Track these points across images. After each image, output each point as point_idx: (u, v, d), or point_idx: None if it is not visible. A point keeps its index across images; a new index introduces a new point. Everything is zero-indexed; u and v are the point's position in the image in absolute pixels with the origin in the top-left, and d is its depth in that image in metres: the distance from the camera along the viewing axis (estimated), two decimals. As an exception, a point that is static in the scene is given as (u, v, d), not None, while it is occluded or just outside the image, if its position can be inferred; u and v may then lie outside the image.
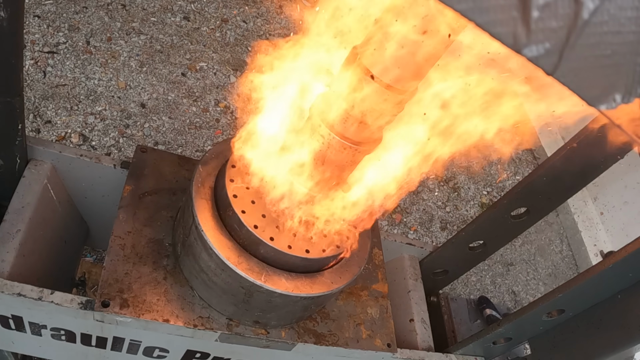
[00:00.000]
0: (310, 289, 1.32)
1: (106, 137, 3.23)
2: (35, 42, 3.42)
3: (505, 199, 1.82)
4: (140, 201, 1.60)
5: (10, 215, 1.58)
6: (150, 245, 1.53)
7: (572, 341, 1.56)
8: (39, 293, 1.38)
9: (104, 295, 1.38)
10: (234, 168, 1.37)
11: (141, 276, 1.46)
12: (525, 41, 0.37)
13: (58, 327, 1.51)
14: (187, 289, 1.49)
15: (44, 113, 3.16)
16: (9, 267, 1.48)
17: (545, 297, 1.54)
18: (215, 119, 3.65)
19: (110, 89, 3.45)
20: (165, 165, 1.71)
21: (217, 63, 3.96)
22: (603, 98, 0.40)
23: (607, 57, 0.38)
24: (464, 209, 4.26)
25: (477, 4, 0.35)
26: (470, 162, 4.44)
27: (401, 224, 3.88)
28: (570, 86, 0.39)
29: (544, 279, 4.26)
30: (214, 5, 4.33)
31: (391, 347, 1.67)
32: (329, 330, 1.60)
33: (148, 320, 1.39)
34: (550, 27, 0.36)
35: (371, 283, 1.79)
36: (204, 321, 1.45)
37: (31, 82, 3.24)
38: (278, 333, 1.53)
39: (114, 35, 3.74)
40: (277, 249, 1.30)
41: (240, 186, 1.35)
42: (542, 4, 0.35)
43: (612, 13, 0.36)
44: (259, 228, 1.31)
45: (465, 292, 3.81)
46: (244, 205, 1.33)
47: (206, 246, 1.29)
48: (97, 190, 1.88)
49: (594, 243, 4.50)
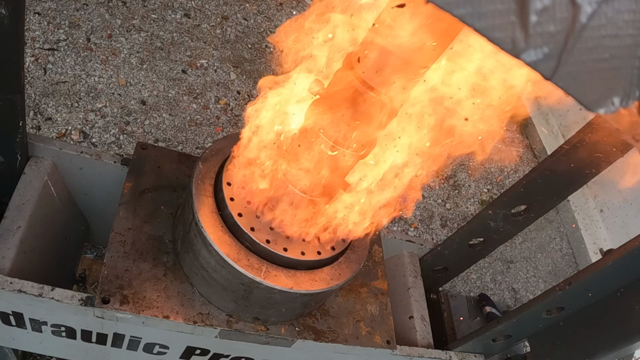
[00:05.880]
0: (309, 286, 1.33)
1: (106, 134, 3.22)
2: (35, 39, 3.41)
3: (506, 197, 1.82)
4: (140, 198, 1.60)
5: (10, 212, 1.58)
6: (150, 241, 1.53)
7: (572, 339, 1.57)
8: (40, 289, 1.38)
9: (104, 291, 1.38)
10: (231, 170, 1.38)
11: (141, 273, 1.46)
12: (524, 46, 0.37)
13: (58, 324, 1.52)
14: (187, 286, 1.49)
15: (45, 110, 3.16)
16: (9, 264, 1.49)
17: (545, 294, 1.54)
18: (215, 116, 3.65)
19: (111, 86, 3.45)
20: (165, 162, 1.71)
21: (218, 60, 3.96)
22: (602, 102, 0.40)
23: (605, 60, 0.38)
24: (464, 206, 4.26)
25: (475, 9, 0.35)
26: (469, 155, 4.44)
27: (401, 221, 3.88)
28: (568, 90, 0.39)
29: (544, 276, 4.26)
30: (215, 3, 4.32)
31: (391, 344, 1.67)
32: (329, 327, 1.61)
33: (148, 317, 1.40)
34: (549, 31, 0.36)
35: (371, 280, 1.79)
36: (204, 318, 1.46)
37: (31, 79, 3.24)
38: (278, 329, 1.53)
39: (115, 32, 3.73)
40: (273, 251, 1.31)
41: (237, 188, 1.36)
42: (540, 9, 0.35)
43: (609, 16, 0.36)
44: (256, 231, 1.32)
45: (465, 290, 3.81)
46: (241, 208, 1.34)
47: (206, 243, 1.30)
48: (98, 187, 1.88)
49: (594, 241, 4.51)
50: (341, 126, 1.10)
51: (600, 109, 0.40)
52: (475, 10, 0.35)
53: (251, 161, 1.31)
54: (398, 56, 0.94)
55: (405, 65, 0.95)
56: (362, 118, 1.07)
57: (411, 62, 0.94)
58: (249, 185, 1.32)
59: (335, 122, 1.11)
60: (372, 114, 1.05)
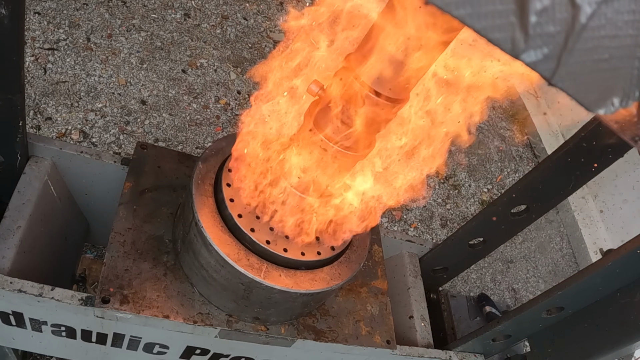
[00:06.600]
0: (309, 286, 1.33)
1: (106, 134, 3.23)
2: (35, 38, 3.42)
3: (506, 197, 1.82)
4: (140, 198, 1.60)
5: (10, 212, 1.58)
6: (150, 241, 1.53)
7: (571, 339, 1.57)
8: (40, 289, 1.38)
9: (104, 291, 1.38)
10: (231, 172, 1.38)
11: (141, 272, 1.46)
12: (524, 46, 0.37)
13: (58, 324, 1.52)
14: (187, 285, 1.49)
15: (45, 110, 3.16)
16: (9, 264, 1.49)
17: (545, 294, 1.54)
18: (215, 115, 3.65)
19: (111, 85, 3.45)
20: (165, 161, 1.71)
21: (218, 60, 3.96)
22: (601, 102, 0.40)
23: (604, 61, 0.38)
24: (464, 206, 4.26)
25: (475, 9, 0.35)
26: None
27: (401, 221, 3.88)
28: (568, 91, 0.39)
29: (544, 276, 4.26)
30: (215, 2, 4.32)
31: (390, 344, 1.67)
32: (329, 327, 1.61)
33: (148, 317, 1.40)
34: (548, 32, 0.36)
35: (371, 280, 1.79)
36: (204, 317, 1.46)
37: (31, 79, 3.24)
38: (277, 329, 1.53)
39: (115, 32, 3.73)
40: (273, 252, 1.31)
41: (237, 190, 1.36)
42: (540, 9, 0.35)
43: (609, 17, 0.36)
44: (256, 231, 1.32)
45: (465, 290, 3.81)
46: (241, 209, 1.34)
47: (206, 242, 1.30)
48: (98, 187, 1.88)
49: (594, 241, 4.51)
50: (341, 127, 1.10)
51: (600, 109, 0.40)
52: (475, 10, 0.35)
53: (250, 163, 1.31)
54: (398, 56, 0.94)
55: (405, 66, 0.95)
56: (361, 119, 1.07)
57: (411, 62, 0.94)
58: (249, 187, 1.32)
59: (334, 123, 1.11)
60: (372, 115, 1.05)
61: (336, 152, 1.15)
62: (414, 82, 1.01)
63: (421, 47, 0.90)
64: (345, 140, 1.13)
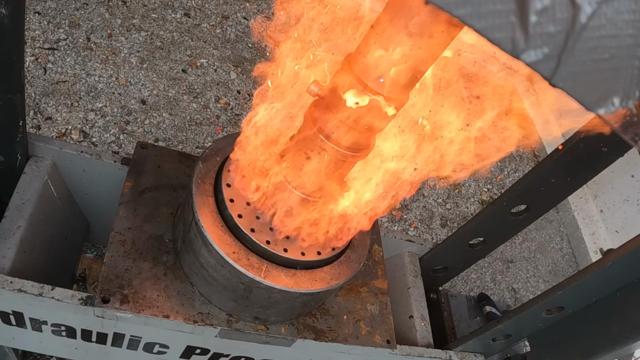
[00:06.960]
0: (309, 285, 1.33)
1: (107, 134, 3.23)
2: (35, 38, 3.41)
3: (506, 196, 1.82)
4: (140, 197, 1.60)
5: (10, 212, 1.58)
6: (150, 241, 1.53)
7: (572, 338, 1.57)
8: (40, 289, 1.38)
9: (104, 291, 1.38)
10: (231, 172, 1.38)
11: (141, 272, 1.46)
12: (524, 46, 0.37)
13: (58, 323, 1.52)
14: (187, 285, 1.49)
15: (45, 109, 3.16)
16: (9, 263, 1.49)
17: (545, 294, 1.54)
18: (215, 115, 3.65)
19: (111, 85, 3.45)
20: (165, 161, 1.71)
21: (218, 60, 3.96)
22: (601, 102, 0.40)
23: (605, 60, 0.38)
24: (464, 205, 4.26)
25: (475, 9, 0.35)
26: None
27: (401, 220, 3.88)
28: (568, 91, 0.39)
29: (544, 276, 4.26)
30: (215, 2, 4.32)
31: (390, 344, 1.67)
32: (329, 327, 1.61)
33: (148, 316, 1.40)
34: (549, 31, 0.36)
35: (371, 279, 1.79)
36: (204, 317, 1.46)
37: (31, 78, 3.24)
38: (278, 329, 1.53)
39: (115, 31, 3.73)
40: (274, 252, 1.32)
41: (237, 190, 1.36)
42: (540, 9, 0.35)
43: (609, 16, 0.36)
44: (256, 232, 1.32)
45: (465, 289, 3.81)
46: (241, 209, 1.34)
47: (206, 242, 1.30)
48: (98, 187, 1.88)
49: (594, 241, 4.51)
50: (340, 127, 1.10)
51: (600, 109, 0.40)
52: (475, 10, 0.35)
53: (250, 163, 1.31)
54: (398, 57, 0.94)
55: (404, 66, 0.95)
56: (361, 119, 1.07)
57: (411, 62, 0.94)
58: (249, 187, 1.32)
59: (334, 123, 1.11)
60: (371, 115, 1.05)
61: (336, 153, 1.15)
62: (414, 82, 1.01)
63: (421, 47, 0.90)
64: (345, 140, 1.13)
